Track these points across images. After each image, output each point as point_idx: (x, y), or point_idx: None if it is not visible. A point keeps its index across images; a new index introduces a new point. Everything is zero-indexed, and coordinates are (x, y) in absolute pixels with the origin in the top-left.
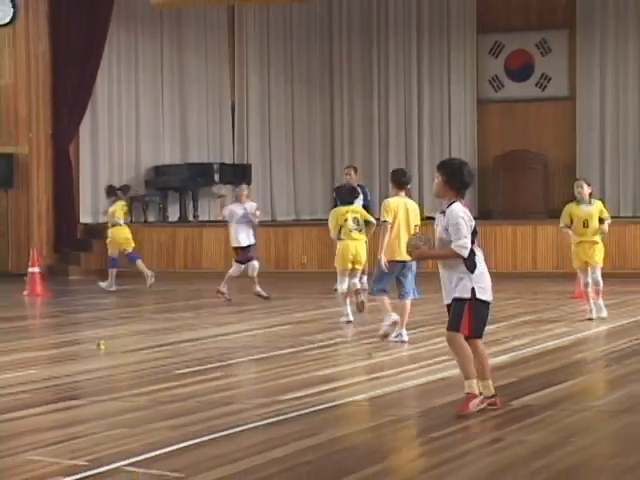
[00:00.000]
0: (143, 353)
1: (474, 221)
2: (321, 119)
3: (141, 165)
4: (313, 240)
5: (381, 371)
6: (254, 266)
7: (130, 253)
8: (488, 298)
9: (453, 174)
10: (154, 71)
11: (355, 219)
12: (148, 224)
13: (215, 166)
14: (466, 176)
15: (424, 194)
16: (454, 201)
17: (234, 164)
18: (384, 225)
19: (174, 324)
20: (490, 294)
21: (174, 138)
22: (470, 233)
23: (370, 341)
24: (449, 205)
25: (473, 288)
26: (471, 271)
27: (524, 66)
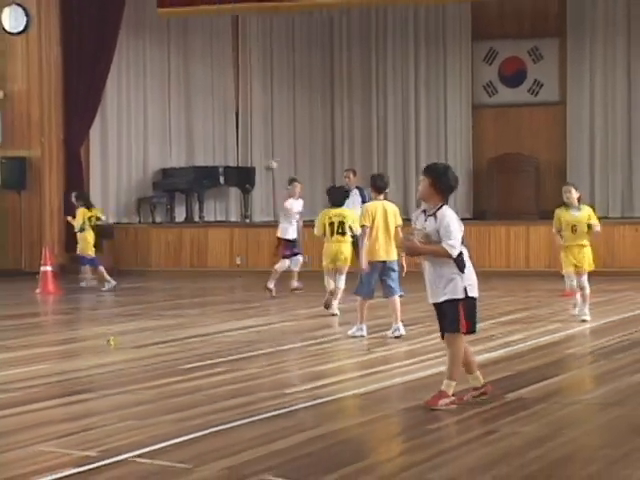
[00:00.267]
0: (151, 348)
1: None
2: (322, 124)
3: (149, 168)
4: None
5: (379, 366)
6: (298, 260)
7: (84, 256)
8: (476, 294)
9: (439, 177)
10: (161, 77)
11: (340, 223)
12: (156, 224)
13: (220, 169)
14: (451, 179)
15: None
16: (442, 204)
17: (238, 167)
18: (362, 229)
19: (181, 321)
20: (477, 290)
21: (180, 142)
22: (460, 236)
23: (368, 337)
24: (439, 208)
25: (465, 287)
26: (462, 270)
27: (517, 73)
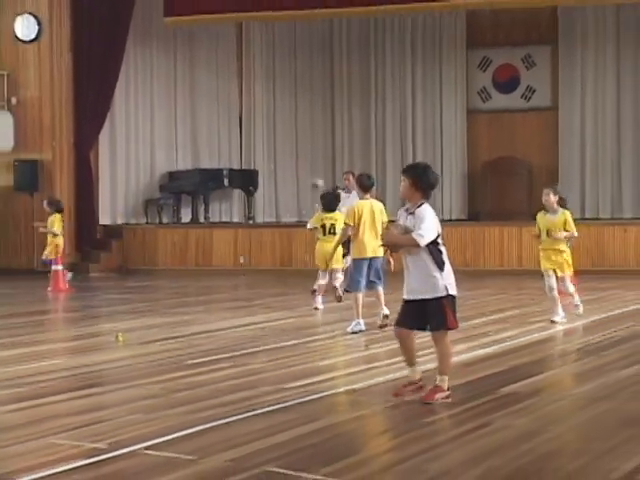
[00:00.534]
0: (158, 345)
1: (439, 224)
2: (322, 128)
3: (156, 171)
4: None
5: (376, 361)
6: (346, 260)
7: (51, 259)
8: (456, 292)
9: (419, 177)
10: (168, 84)
11: (332, 225)
12: (162, 225)
13: (224, 171)
14: (431, 178)
15: None
16: (423, 202)
17: (242, 170)
18: (345, 226)
19: (186, 318)
20: (456, 288)
21: (186, 146)
22: (437, 233)
23: (366, 334)
24: (419, 206)
25: (445, 285)
26: (441, 269)
27: (510, 79)
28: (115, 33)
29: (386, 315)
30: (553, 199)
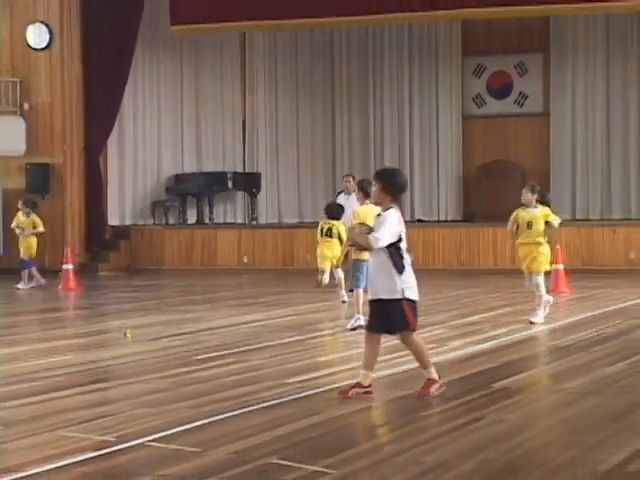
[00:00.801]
0: (165, 341)
1: (404, 228)
2: (323, 132)
3: (162, 174)
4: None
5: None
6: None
7: (27, 260)
8: (415, 297)
9: (388, 181)
10: (174, 90)
11: (328, 229)
12: (169, 226)
13: (228, 174)
14: (400, 182)
15: (414, 198)
16: (391, 207)
17: (245, 173)
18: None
19: (192, 315)
20: (417, 294)
21: (192, 150)
22: (397, 237)
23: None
24: (387, 209)
25: (402, 289)
26: (400, 272)
27: (504, 85)
28: (123, 41)
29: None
30: (530, 197)
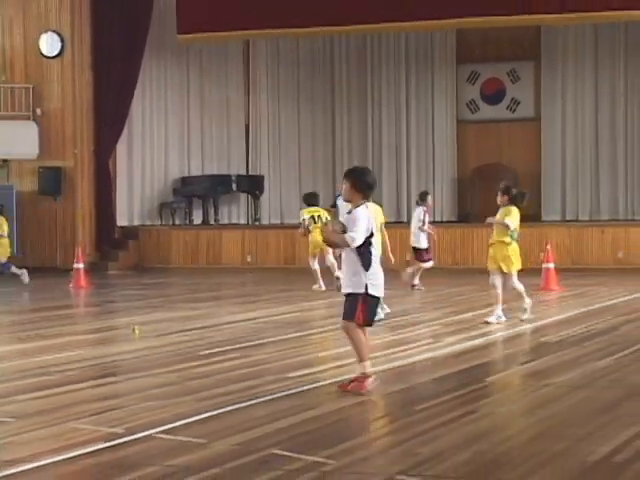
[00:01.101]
0: (172, 337)
1: (374, 224)
2: (323, 136)
3: (169, 176)
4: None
5: (373, 352)
6: (429, 265)
7: (5, 263)
8: (378, 294)
9: (358, 179)
10: (180, 95)
11: (318, 216)
12: (175, 227)
13: (233, 177)
14: (369, 180)
15: (411, 199)
16: (361, 204)
17: (249, 175)
18: None
19: (198, 312)
20: (381, 291)
21: (197, 153)
22: (369, 233)
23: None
24: (357, 206)
25: (367, 284)
26: (366, 269)
27: (497, 92)
28: (132, 49)
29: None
30: (500, 199)
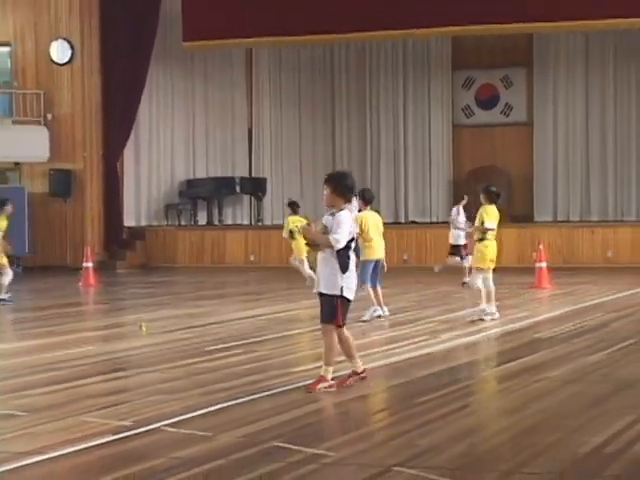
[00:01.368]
0: (178, 333)
1: (356, 228)
2: (323, 140)
3: (175, 179)
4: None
5: (373, 348)
6: (467, 260)
7: None
8: (351, 297)
9: (339, 183)
10: (186, 101)
11: (296, 226)
12: (181, 227)
13: (236, 179)
14: (349, 183)
15: (408, 201)
16: (343, 208)
17: (252, 177)
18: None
19: (203, 310)
20: (353, 295)
21: (202, 156)
22: (351, 237)
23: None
24: (340, 210)
25: (342, 287)
26: (343, 271)
27: (491, 97)
28: (139, 56)
29: (383, 315)
30: (481, 199)
